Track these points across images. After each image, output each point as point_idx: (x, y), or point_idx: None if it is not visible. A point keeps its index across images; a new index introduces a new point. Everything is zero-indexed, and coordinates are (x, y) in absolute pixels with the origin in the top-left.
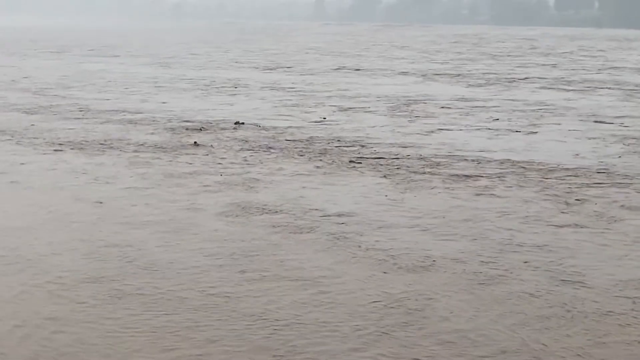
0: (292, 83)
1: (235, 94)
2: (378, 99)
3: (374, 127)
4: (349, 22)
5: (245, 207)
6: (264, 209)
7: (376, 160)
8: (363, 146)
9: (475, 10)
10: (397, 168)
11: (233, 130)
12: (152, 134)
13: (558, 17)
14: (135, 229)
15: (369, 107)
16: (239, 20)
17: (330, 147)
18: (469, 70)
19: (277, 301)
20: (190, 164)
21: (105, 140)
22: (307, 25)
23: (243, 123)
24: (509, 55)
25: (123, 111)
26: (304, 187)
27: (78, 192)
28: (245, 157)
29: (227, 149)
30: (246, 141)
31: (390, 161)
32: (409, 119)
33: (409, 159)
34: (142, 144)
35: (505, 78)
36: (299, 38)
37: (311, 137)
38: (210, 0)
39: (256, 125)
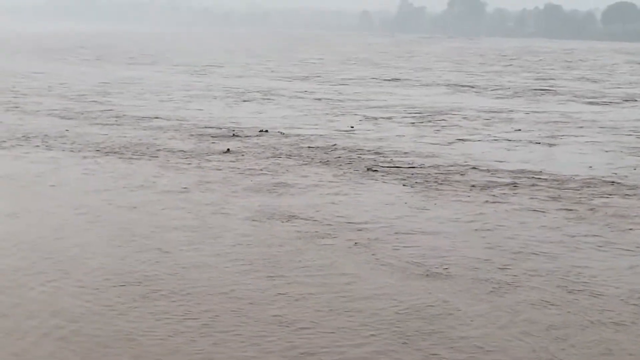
0: (324, 92)
1: (265, 103)
2: (406, 109)
3: (397, 136)
4: (394, 34)
5: (272, 213)
6: (288, 214)
7: (396, 169)
8: (383, 154)
9: (523, 22)
10: (417, 177)
11: (258, 138)
12: (183, 140)
13: (604, 30)
14: (166, 232)
15: (396, 117)
16: (285, 30)
17: (353, 156)
18: (500, 82)
19: (299, 305)
20: (219, 169)
21: (138, 146)
22: (353, 36)
23: (267, 131)
24: (545, 68)
25: (156, 118)
26: (327, 194)
27: (112, 196)
28: (271, 164)
29: (254, 156)
30: (274, 148)
31: (408, 170)
32: (434, 129)
33: (427, 168)
34: (173, 150)
35: (536, 90)
36: (341, 48)
37: (335, 145)
38: (256, 8)
39: (281, 133)
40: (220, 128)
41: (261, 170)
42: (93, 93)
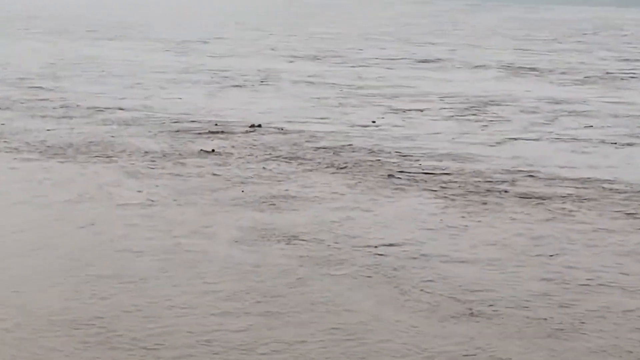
0: (339, 77)
1: (260, 90)
2: (444, 98)
3: (431, 134)
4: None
5: (267, 233)
6: (289, 235)
7: (427, 175)
8: (411, 157)
9: None
10: (453, 187)
11: (249, 135)
12: (155, 137)
13: None
14: (132, 260)
15: (430, 109)
16: None
17: (372, 159)
18: (570, 64)
19: (305, 354)
20: (200, 176)
21: (95, 146)
22: (378, 3)
23: (260, 126)
24: (630, 47)
25: (119, 109)
26: (337, 208)
27: (63, 211)
28: (265, 169)
29: (245, 159)
30: (271, 148)
31: (442, 178)
32: (479, 125)
33: (467, 175)
34: (141, 151)
35: (616, 75)
36: (361, 20)
37: (350, 146)
38: None
39: (279, 129)
40: (201, 122)
41: (253, 177)
42: (39, 76)
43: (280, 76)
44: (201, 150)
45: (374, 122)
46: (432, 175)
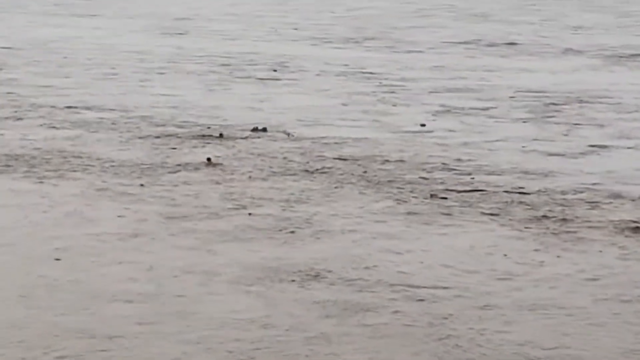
0: (379, 65)
1: (274, 83)
2: (516, 94)
3: (493, 141)
4: None
5: (280, 271)
6: (308, 274)
7: (484, 195)
8: (462, 171)
9: None
10: (520, 210)
11: (254, 142)
12: (132, 145)
13: None
14: (106, 306)
15: (496, 108)
16: None
17: (415, 173)
18: None
19: None
20: (193, 195)
21: (53, 156)
22: None
23: (265, 130)
24: None
25: (87, 108)
26: (372, 239)
27: (11, 243)
28: (274, 186)
29: (251, 173)
30: (284, 159)
31: (503, 197)
32: (560, 130)
33: (536, 194)
34: (115, 163)
35: None
36: None
37: (388, 156)
38: None
39: (286, 133)
40: (194, 125)
41: (261, 198)
42: None
43: (301, 65)
44: (195, 162)
45: (423, 125)
46: (490, 194)
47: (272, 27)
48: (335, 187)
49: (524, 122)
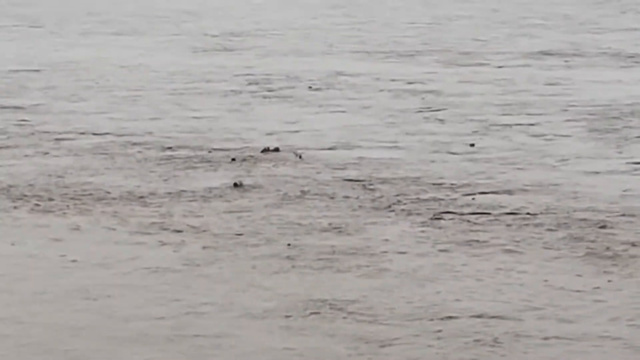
0: (432, 79)
1: (308, 102)
2: (571, 107)
3: (535, 162)
4: None
5: (319, 305)
6: (351, 309)
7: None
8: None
9: None
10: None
11: (269, 164)
12: (150, 171)
13: None
14: (129, 346)
15: (541, 124)
16: None
17: (454, 196)
18: None
19: None
20: (228, 225)
21: (74, 187)
22: None
23: (277, 150)
24: None
25: (94, 134)
26: (419, 267)
27: (46, 274)
28: (309, 212)
29: (281, 195)
30: (314, 181)
31: (526, 219)
32: (613, 145)
33: (566, 214)
34: (132, 192)
35: None
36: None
37: (422, 180)
38: None
39: (295, 154)
40: (215, 149)
41: (295, 225)
42: None
43: (346, 81)
44: (237, 183)
45: (472, 145)
46: (512, 215)
47: (326, 41)
48: (368, 213)
49: (573, 137)
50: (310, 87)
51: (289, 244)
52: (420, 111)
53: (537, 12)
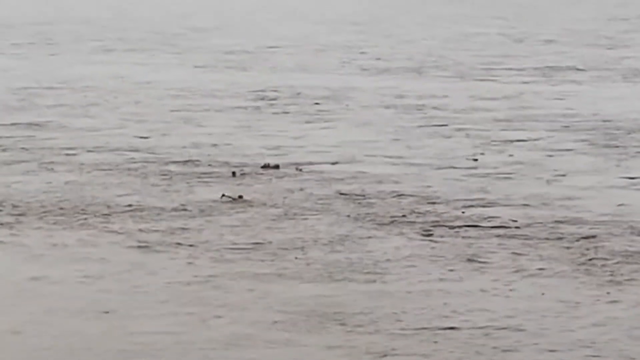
0: (440, 95)
1: (314, 118)
2: (574, 123)
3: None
4: None
5: (323, 316)
6: (355, 322)
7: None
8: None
9: None
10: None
11: (266, 179)
12: (147, 187)
13: None
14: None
15: (543, 139)
16: None
17: (448, 209)
18: None
19: None
20: (231, 239)
21: (80, 202)
22: None
23: (278, 167)
24: None
25: (112, 149)
26: (418, 281)
27: (53, 296)
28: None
29: (282, 210)
30: (312, 196)
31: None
32: (613, 160)
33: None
34: (143, 208)
35: None
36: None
37: (423, 196)
38: None
39: (297, 168)
40: (217, 164)
41: (305, 239)
42: (2, 107)
43: (352, 97)
44: (240, 196)
45: (475, 159)
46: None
47: (339, 57)
48: (374, 229)
49: (572, 152)
50: (316, 103)
51: (296, 257)
52: (425, 126)
53: (555, 29)
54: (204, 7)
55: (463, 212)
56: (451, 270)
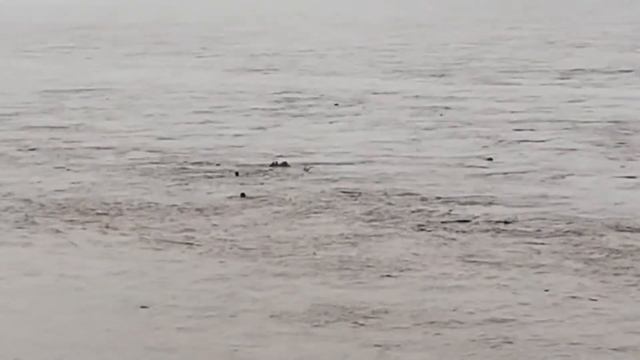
0: (461, 97)
1: (335, 119)
2: (586, 123)
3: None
4: None
5: (339, 311)
6: (367, 315)
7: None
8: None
9: None
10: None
11: (271, 178)
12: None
13: None
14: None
15: (551, 140)
16: None
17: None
18: None
19: None
20: (247, 237)
21: (99, 201)
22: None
23: (286, 164)
24: None
25: (131, 149)
26: (426, 277)
27: (87, 290)
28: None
29: (293, 208)
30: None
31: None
32: (618, 161)
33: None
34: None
35: None
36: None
37: (433, 195)
38: None
39: (305, 168)
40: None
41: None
42: (31, 109)
43: (373, 99)
44: (242, 194)
45: (490, 159)
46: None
47: (366, 60)
48: (384, 227)
49: (574, 152)
50: (336, 104)
51: (314, 253)
52: (441, 128)
53: (589, 32)
54: (250, 12)
55: (472, 212)
56: (462, 267)
